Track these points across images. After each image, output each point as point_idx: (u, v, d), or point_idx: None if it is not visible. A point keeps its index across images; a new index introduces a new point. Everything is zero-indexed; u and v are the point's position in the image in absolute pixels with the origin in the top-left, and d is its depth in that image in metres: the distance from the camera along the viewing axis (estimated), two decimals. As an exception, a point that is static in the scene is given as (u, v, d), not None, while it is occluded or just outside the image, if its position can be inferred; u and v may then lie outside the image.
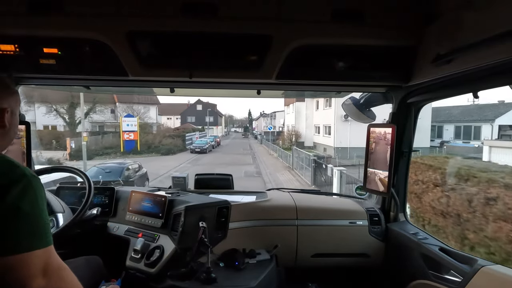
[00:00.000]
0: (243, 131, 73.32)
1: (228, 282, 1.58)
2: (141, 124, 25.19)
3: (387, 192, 1.80)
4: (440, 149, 18.57)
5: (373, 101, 1.99)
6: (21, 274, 0.68)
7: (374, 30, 1.34)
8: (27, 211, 0.71)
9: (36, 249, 0.71)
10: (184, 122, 46.41)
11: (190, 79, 1.43)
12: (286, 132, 31.38)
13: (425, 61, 1.33)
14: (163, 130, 31.30)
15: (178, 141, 27.10)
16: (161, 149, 24.12)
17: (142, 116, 27.73)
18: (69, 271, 0.78)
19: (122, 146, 18.84)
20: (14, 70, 1.44)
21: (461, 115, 21.98)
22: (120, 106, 27.81)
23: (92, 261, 1.53)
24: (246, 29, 1.34)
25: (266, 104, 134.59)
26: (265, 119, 57.26)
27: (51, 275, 0.73)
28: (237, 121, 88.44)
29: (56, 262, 0.76)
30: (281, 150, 21.38)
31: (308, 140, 26.71)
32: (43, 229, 0.74)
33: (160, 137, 26.58)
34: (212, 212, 1.74)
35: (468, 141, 19.89)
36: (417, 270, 1.62)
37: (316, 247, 2.00)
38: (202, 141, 28.49)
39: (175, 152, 24.90)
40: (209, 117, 48.68)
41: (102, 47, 1.33)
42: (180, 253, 1.59)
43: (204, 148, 25.92)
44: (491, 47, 0.98)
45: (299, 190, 2.43)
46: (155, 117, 33.07)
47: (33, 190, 0.73)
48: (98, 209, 1.76)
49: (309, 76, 1.52)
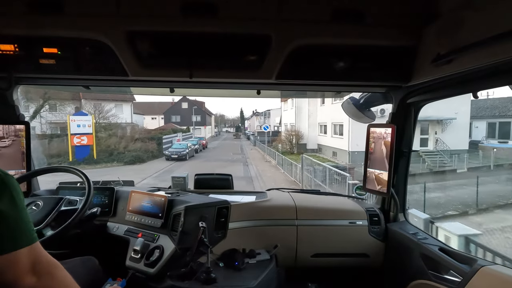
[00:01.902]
0: (234, 131, 71.56)
1: (228, 282, 1.58)
2: (105, 125, 21.79)
3: (387, 192, 1.81)
4: (476, 151, 15.66)
5: (372, 101, 1.99)
6: (9, 274, 0.68)
7: (374, 30, 1.34)
8: (5, 211, 0.69)
9: (21, 248, 0.70)
10: (168, 122, 41.88)
11: (190, 79, 1.43)
12: (285, 133, 27.26)
13: (425, 61, 1.33)
14: (139, 131, 26.36)
15: (151, 145, 21.89)
16: (126, 156, 18.94)
17: (107, 115, 22.98)
18: (61, 269, 0.78)
19: (71, 153, 14.13)
20: (14, 70, 1.44)
21: (494, 109, 18.60)
22: (86, 103, 22.38)
23: (87, 261, 1.52)
24: (246, 29, 1.34)
25: (259, 102, 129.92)
26: (258, 118, 54.91)
27: (41, 273, 0.72)
28: (228, 121, 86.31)
29: (45, 259, 0.75)
30: (282, 156, 16.73)
31: (312, 142, 23.18)
32: (25, 227, 0.72)
33: (127, 141, 21.19)
34: (212, 212, 1.74)
35: (506, 140, 16.81)
36: (417, 270, 1.63)
37: (316, 247, 2.00)
38: (182, 145, 23.25)
39: (144, 159, 19.79)
40: (195, 116, 43.56)
41: (102, 47, 1.33)
42: (180, 253, 1.59)
43: (183, 153, 20.99)
44: (491, 47, 0.98)
45: (299, 190, 2.44)
46: (130, 116, 27.64)
47: (8, 188, 0.71)
48: (97, 209, 1.76)
49: (309, 76, 1.52)
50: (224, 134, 67.66)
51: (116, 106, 25.06)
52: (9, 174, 0.75)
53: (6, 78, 1.51)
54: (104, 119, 22.80)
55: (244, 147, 32.08)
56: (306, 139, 23.62)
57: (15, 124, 1.78)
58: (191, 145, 23.58)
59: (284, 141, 24.55)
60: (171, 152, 21.02)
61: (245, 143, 38.76)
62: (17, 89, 1.82)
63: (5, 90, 1.64)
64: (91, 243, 1.80)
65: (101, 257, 1.60)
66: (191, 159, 21.22)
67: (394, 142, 1.75)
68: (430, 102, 1.71)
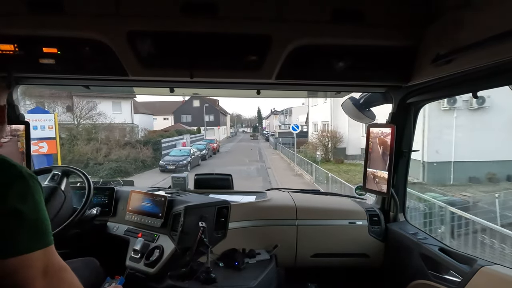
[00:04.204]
0: (251, 131, 68.48)
1: (228, 282, 1.58)
2: (86, 127, 17.55)
3: (386, 192, 1.81)
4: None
5: (372, 101, 1.99)
6: (21, 276, 0.67)
7: (374, 30, 1.34)
8: (25, 212, 0.69)
9: (36, 250, 0.70)
10: (178, 122, 37.78)
11: (190, 79, 1.43)
12: (315, 133, 20.86)
13: (425, 61, 1.33)
14: (136, 134, 21.67)
15: (143, 152, 17.00)
16: (103, 169, 14.06)
17: (90, 113, 18.75)
18: (70, 272, 0.77)
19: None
20: (14, 70, 1.44)
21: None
22: (79, 101, 18.68)
23: (89, 262, 1.52)
24: (246, 29, 1.34)
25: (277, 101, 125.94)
26: (277, 117, 50.82)
27: (52, 276, 0.72)
28: (245, 121, 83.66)
29: (57, 262, 0.75)
30: (322, 169, 11.28)
31: (353, 146, 17.82)
32: (42, 229, 0.72)
33: (111, 147, 16.33)
34: (212, 212, 1.74)
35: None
36: (417, 270, 1.63)
37: (315, 247, 2.00)
38: (183, 151, 17.95)
39: (130, 172, 14.85)
40: (208, 115, 39.39)
41: (102, 47, 1.33)
42: (180, 253, 1.59)
43: (183, 163, 16.20)
44: (491, 47, 0.98)
45: (299, 190, 2.43)
46: (129, 116, 23.30)
47: (31, 190, 0.72)
48: (97, 209, 1.76)
49: (309, 76, 1.52)
50: (240, 135, 64.37)
51: (113, 104, 21.79)
52: (34, 175, 0.75)
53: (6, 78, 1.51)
54: (86, 119, 18.37)
55: (263, 151, 26.85)
56: (346, 142, 18.22)
57: (15, 124, 1.78)
58: (195, 151, 18.91)
59: (319, 145, 18.51)
60: (166, 161, 16.33)
61: (263, 145, 34.26)
62: (17, 89, 1.82)
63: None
64: (91, 243, 1.80)
65: (101, 257, 1.60)
66: (195, 169, 16.61)
67: (394, 142, 1.75)
68: (430, 102, 1.71)
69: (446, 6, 1.20)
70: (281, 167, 16.15)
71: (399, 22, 1.34)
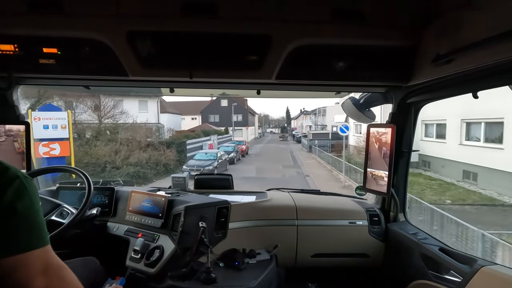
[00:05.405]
0: (280, 131, 65.73)
1: (228, 282, 1.58)
2: (108, 127, 16.16)
3: (387, 192, 1.81)
4: None
5: (372, 101, 1.99)
6: (21, 275, 0.68)
7: (374, 30, 1.34)
8: (23, 212, 0.71)
9: (35, 249, 0.71)
10: (205, 122, 35.78)
11: (190, 79, 1.43)
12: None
13: (425, 61, 1.33)
14: (176, 134, 20.20)
15: (167, 154, 15.16)
16: (120, 174, 11.99)
17: (114, 112, 17.43)
18: (69, 271, 0.78)
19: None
20: (14, 70, 1.44)
21: None
22: (106, 100, 17.44)
23: (89, 262, 1.52)
24: (246, 29, 1.34)
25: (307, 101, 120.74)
26: (308, 117, 48.67)
27: (52, 275, 0.72)
28: (273, 121, 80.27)
29: (55, 261, 0.76)
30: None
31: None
32: (39, 228, 0.74)
33: (132, 149, 14.51)
34: (212, 212, 1.74)
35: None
36: (417, 270, 1.62)
37: (316, 247, 2.00)
38: (209, 154, 15.95)
39: (150, 178, 13.30)
40: (236, 115, 36.66)
41: (102, 47, 1.33)
42: (180, 253, 1.59)
43: (208, 168, 14.07)
44: (491, 47, 0.98)
45: (299, 190, 2.43)
46: (156, 115, 22.18)
47: (27, 190, 0.73)
48: (97, 209, 1.76)
49: (309, 76, 1.52)
50: (268, 136, 62.27)
51: (140, 102, 20.22)
52: (28, 177, 0.77)
53: (6, 78, 1.51)
54: (108, 118, 17.06)
55: (296, 153, 24.10)
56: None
57: (15, 124, 1.78)
58: (223, 154, 16.71)
59: (362, 150, 13.51)
60: (190, 166, 14.11)
61: (294, 147, 31.07)
62: (17, 89, 1.82)
63: (5, 90, 1.64)
64: (91, 243, 1.80)
65: (101, 257, 1.60)
66: (219, 176, 14.31)
67: (394, 142, 1.75)
68: (430, 102, 1.71)
69: (446, 6, 1.20)
70: (322, 176, 13.41)
71: (399, 22, 1.34)
